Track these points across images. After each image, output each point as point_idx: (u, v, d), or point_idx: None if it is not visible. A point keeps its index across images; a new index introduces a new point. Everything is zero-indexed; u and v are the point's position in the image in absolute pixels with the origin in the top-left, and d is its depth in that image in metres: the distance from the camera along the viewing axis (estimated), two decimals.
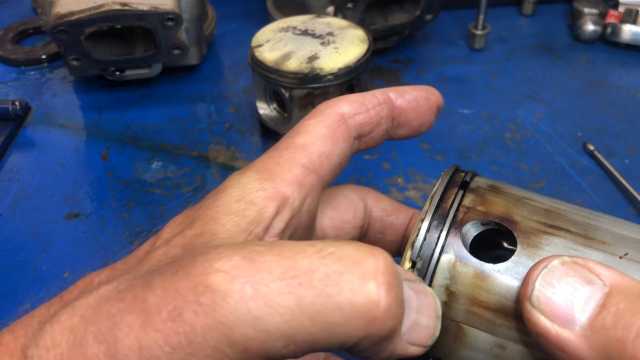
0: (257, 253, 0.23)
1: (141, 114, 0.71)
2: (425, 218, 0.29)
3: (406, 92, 0.36)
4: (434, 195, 0.30)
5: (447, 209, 0.29)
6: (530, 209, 0.29)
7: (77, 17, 0.62)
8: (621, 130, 0.67)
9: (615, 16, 0.79)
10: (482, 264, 0.28)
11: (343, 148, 0.33)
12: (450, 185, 0.30)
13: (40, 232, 0.56)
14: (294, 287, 0.22)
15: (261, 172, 0.30)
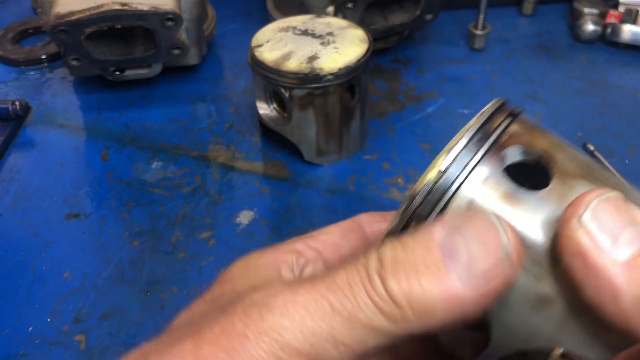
0: (290, 281, 0.26)
1: (141, 114, 0.71)
2: (469, 131, 0.27)
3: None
4: (482, 114, 0.29)
5: (492, 128, 0.28)
6: (572, 156, 0.28)
7: (77, 17, 0.62)
8: (621, 130, 0.67)
9: (615, 16, 0.79)
10: (516, 187, 0.26)
11: (354, 244, 0.34)
12: (499, 110, 0.30)
13: (40, 232, 0.56)
14: (324, 292, 0.24)
15: (262, 251, 0.31)
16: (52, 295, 0.50)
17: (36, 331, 0.47)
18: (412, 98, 0.72)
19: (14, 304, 0.50)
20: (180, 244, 0.54)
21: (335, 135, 0.61)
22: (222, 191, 0.60)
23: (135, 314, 0.49)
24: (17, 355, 0.46)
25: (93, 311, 0.49)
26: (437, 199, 0.26)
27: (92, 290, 0.51)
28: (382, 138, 0.66)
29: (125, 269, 0.52)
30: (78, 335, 0.47)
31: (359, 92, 0.60)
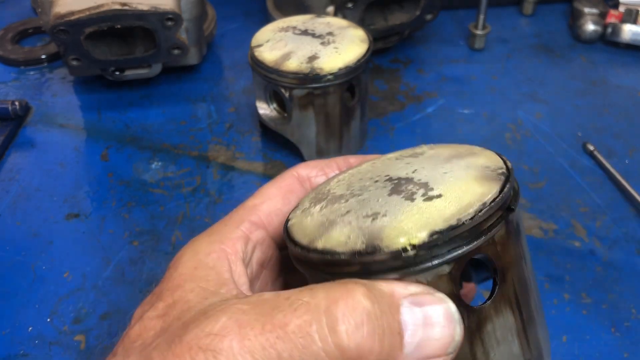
0: (242, 312, 0.25)
1: (141, 114, 0.71)
2: (460, 219, 0.26)
3: (366, 160, 0.36)
4: (494, 202, 0.27)
5: (482, 229, 0.27)
6: (521, 278, 0.30)
7: (77, 17, 0.62)
8: (621, 131, 0.67)
9: (615, 16, 0.79)
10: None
11: (295, 204, 0.34)
12: (497, 206, 0.28)
13: (40, 232, 0.56)
14: (272, 341, 0.24)
15: (210, 234, 0.32)
16: (52, 295, 0.50)
17: (36, 331, 0.47)
18: (412, 98, 0.72)
19: (13, 304, 0.50)
20: (180, 244, 0.54)
21: (335, 135, 0.61)
22: (222, 191, 0.60)
23: None
24: (17, 355, 0.46)
25: (93, 311, 0.49)
26: (400, 265, 0.26)
27: (92, 290, 0.51)
28: (382, 138, 0.66)
29: (125, 269, 0.52)
30: (78, 335, 0.47)
31: (359, 92, 0.60)
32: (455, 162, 0.30)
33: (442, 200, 0.27)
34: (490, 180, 0.28)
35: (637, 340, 0.46)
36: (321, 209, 0.31)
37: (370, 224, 0.27)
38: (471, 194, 0.27)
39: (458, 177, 0.29)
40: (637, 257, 0.53)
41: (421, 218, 0.26)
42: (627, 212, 0.57)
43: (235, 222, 0.33)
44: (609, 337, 0.46)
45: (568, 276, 0.51)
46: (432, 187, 0.28)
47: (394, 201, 0.28)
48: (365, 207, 0.29)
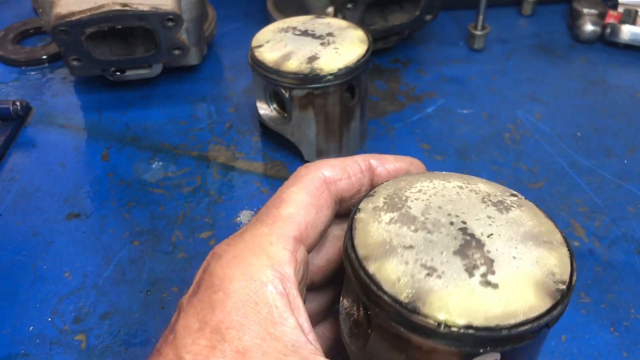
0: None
1: (141, 114, 0.71)
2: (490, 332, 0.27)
3: (388, 161, 0.36)
4: (536, 320, 0.28)
5: (510, 342, 0.28)
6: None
7: (78, 17, 0.62)
8: (620, 130, 0.67)
9: (614, 16, 0.79)
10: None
11: (326, 215, 0.33)
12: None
13: (41, 232, 0.56)
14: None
15: (257, 254, 0.29)
16: (52, 294, 0.50)
17: (37, 331, 0.48)
18: (412, 98, 0.72)
19: (14, 303, 0.50)
20: (180, 244, 0.55)
21: (335, 135, 0.61)
22: (222, 191, 0.60)
23: (135, 313, 0.49)
24: (17, 355, 0.46)
25: (93, 311, 0.49)
26: (427, 333, 0.28)
27: (93, 290, 0.51)
28: (382, 138, 0.67)
29: (125, 269, 0.52)
30: (79, 334, 0.47)
31: (358, 92, 0.60)
32: (529, 247, 0.31)
33: (495, 293, 0.28)
34: (546, 295, 0.29)
35: (636, 339, 0.46)
36: (391, 221, 0.32)
37: (423, 278, 0.29)
38: (523, 301, 0.28)
39: (522, 272, 0.29)
40: (636, 257, 0.53)
41: (467, 303, 0.28)
42: (626, 212, 0.57)
43: (280, 240, 0.30)
44: (608, 337, 0.47)
45: None
46: (495, 270, 0.29)
47: (455, 265, 0.29)
48: (428, 253, 0.30)
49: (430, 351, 0.28)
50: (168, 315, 0.49)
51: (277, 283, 0.29)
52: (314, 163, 0.34)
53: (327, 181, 0.33)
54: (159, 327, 0.48)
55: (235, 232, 0.32)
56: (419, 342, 0.28)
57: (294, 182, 0.33)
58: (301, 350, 0.27)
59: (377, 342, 0.31)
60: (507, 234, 0.31)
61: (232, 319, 0.27)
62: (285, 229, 0.31)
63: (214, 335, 0.27)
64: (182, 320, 0.28)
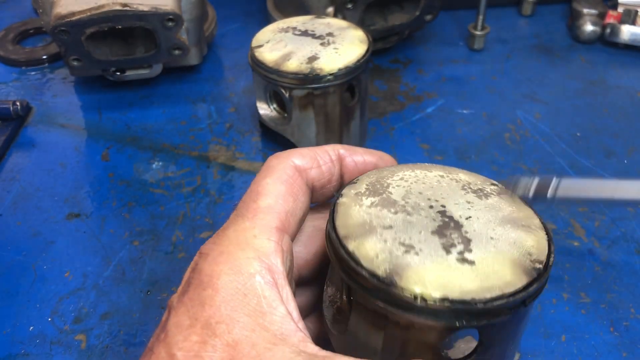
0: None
1: (141, 114, 0.71)
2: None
3: (357, 153, 0.36)
4: (512, 296, 0.28)
5: (486, 317, 0.28)
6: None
7: (78, 17, 0.62)
8: (620, 130, 0.67)
9: (614, 16, 0.79)
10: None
11: (303, 201, 0.33)
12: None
13: (41, 232, 0.56)
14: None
15: (243, 247, 0.30)
16: (52, 294, 0.51)
17: (37, 331, 0.48)
18: (412, 98, 0.73)
19: (14, 303, 0.50)
20: (180, 244, 0.55)
21: (335, 135, 0.61)
22: (222, 191, 0.60)
23: (135, 313, 0.49)
24: (17, 355, 0.46)
25: (94, 311, 0.49)
26: (403, 306, 0.28)
27: (93, 289, 0.51)
28: (382, 138, 0.67)
29: (125, 269, 0.52)
30: (79, 334, 0.47)
31: (358, 93, 0.60)
32: (507, 229, 0.31)
33: (471, 270, 0.29)
34: (522, 273, 0.29)
35: (635, 339, 0.46)
36: (372, 204, 0.32)
37: (401, 254, 0.29)
38: (499, 278, 0.28)
39: (499, 251, 0.30)
40: (636, 257, 0.53)
41: (444, 278, 0.28)
42: (625, 211, 0.57)
43: (264, 232, 0.31)
44: (607, 337, 0.47)
45: (567, 276, 0.51)
46: (472, 248, 0.30)
47: (433, 243, 0.30)
48: (406, 232, 0.30)
49: (407, 326, 0.29)
50: None
51: (265, 273, 0.29)
52: (284, 152, 0.34)
53: (299, 169, 0.34)
54: None
55: (217, 230, 0.32)
56: (396, 317, 0.29)
57: (266, 173, 0.33)
58: (290, 338, 0.27)
59: (357, 322, 0.31)
60: (486, 217, 0.32)
61: (221, 313, 0.27)
62: (266, 220, 0.31)
63: (205, 330, 0.27)
64: (173, 319, 0.28)
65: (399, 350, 0.30)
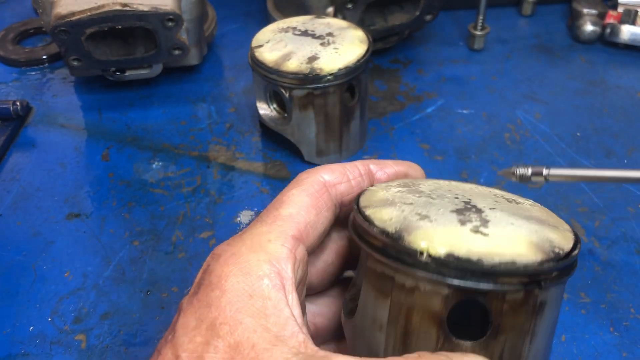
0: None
1: (142, 114, 0.71)
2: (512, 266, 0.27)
3: (387, 165, 0.36)
4: (524, 267, 0.27)
5: (495, 281, 0.27)
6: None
7: (78, 17, 0.62)
8: (620, 131, 0.67)
9: (614, 16, 0.79)
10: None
11: (326, 216, 0.34)
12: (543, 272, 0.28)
13: (41, 231, 0.56)
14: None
15: (255, 250, 0.30)
16: (52, 294, 0.51)
17: (37, 331, 0.48)
18: (412, 98, 0.73)
19: (14, 303, 0.50)
20: (180, 244, 0.55)
21: (335, 135, 0.61)
22: (222, 191, 0.60)
23: (135, 313, 0.49)
24: (17, 355, 0.46)
25: (94, 311, 0.49)
26: (409, 263, 0.28)
27: (93, 289, 0.51)
28: (381, 138, 0.67)
29: (125, 269, 0.52)
30: (79, 334, 0.47)
31: (358, 93, 0.60)
32: (531, 223, 0.30)
33: (484, 239, 0.28)
34: (540, 252, 0.28)
35: (635, 339, 0.46)
36: (399, 191, 0.33)
37: (414, 220, 0.29)
38: (511, 250, 0.27)
39: (517, 233, 0.29)
40: (636, 257, 0.53)
41: (453, 239, 0.27)
42: (625, 212, 0.57)
43: (279, 237, 0.31)
44: (607, 337, 0.47)
45: None
46: (489, 226, 0.29)
47: (449, 218, 0.29)
48: (425, 208, 0.30)
49: (412, 289, 0.28)
50: (168, 315, 0.49)
51: (273, 277, 0.29)
52: (315, 168, 0.35)
53: (327, 184, 0.34)
54: (159, 327, 0.48)
55: (237, 233, 0.32)
56: (401, 277, 0.28)
57: (294, 185, 0.34)
58: (290, 340, 0.27)
59: (367, 293, 0.31)
60: (511, 211, 0.31)
61: (225, 314, 0.28)
62: (284, 227, 0.31)
63: (209, 331, 0.27)
64: (181, 320, 0.29)
65: (404, 322, 0.29)
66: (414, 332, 0.29)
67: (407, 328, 0.29)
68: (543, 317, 0.29)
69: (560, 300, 0.31)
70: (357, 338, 0.32)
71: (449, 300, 0.28)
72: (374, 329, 0.30)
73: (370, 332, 0.31)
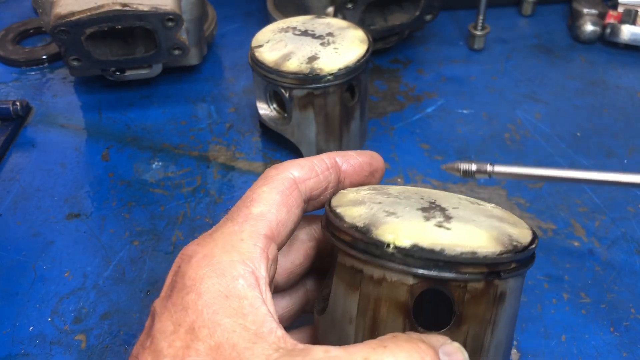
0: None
1: (141, 114, 0.71)
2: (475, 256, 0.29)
3: (351, 157, 0.37)
4: (483, 257, 0.29)
5: (456, 271, 0.29)
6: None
7: (78, 17, 0.62)
8: (620, 131, 0.67)
9: (614, 16, 0.79)
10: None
11: (296, 214, 0.34)
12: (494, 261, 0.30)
13: (41, 232, 0.56)
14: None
15: (228, 250, 0.30)
16: (52, 295, 0.51)
17: (37, 331, 0.48)
18: (412, 98, 0.73)
19: (14, 303, 0.50)
20: (180, 244, 0.55)
21: (335, 135, 0.61)
22: (222, 191, 0.60)
23: (135, 313, 0.49)
24: (17, 355, 0.46)
25: (93, 311, 0.49)
26: (376, 254, 0.30)
27: (93, 290, 0.51)
28: (381, 138, 0.67)
29: (125, 269, 0.52)
30: (79, 334, 0.47)
31: (358, 93, 0.60)
32: (492, 220, 0.33)
33: (447, 232, 0.30)
34: (499, 244, 0.30)
35: (635, 339, 0.46)
36: (369, 193, 0.35)
37: (382, 216, 0.31)
38: (472, 242, 0.29)
39: (478, 227, 0.31)
40: (636, 257, 0.53)
41: (417, 232, 0.30)
42: (626, 212, 0.57)
43: (251, 237, 0.31)
44: (607, 337, 0.47)
45: (567, 276, 0.51)
46: (452, 221, 0.31)
47: (414, 214, 0.32)
48: (393, 206, 0.33)
49: (379, 281, 0.30)
50: None
51: (248, 276, 0.29)
52: (283, 164, 0.35)
53: (297, 181, 0.34)
54: None
55: (204, 232, 0.32)
56: (369, 269, 0.30)
57: (264, 182, 0.34)
58: (269, 336, 0.28)
59: (337, 287, 0.33)
60: (473, 210, 0.34)
61: (203, 317, 0.28)
62: (256, 226, 0.31)
63: (188, 335, 0.27)
64: (157, 324, 0.29)
65: (372, 314, 0.31)
66: (382, 323, 0.31)
67: (375, 319, 0.31)
68: (504, 307, 0.31)
69: (520, 292, 0.33)
70: (329, 332, 0.34)
71: (414, 290, 0.30)
72: (344, 321, 0.32)
73: (340, 325, 0.32)
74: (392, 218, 0.31)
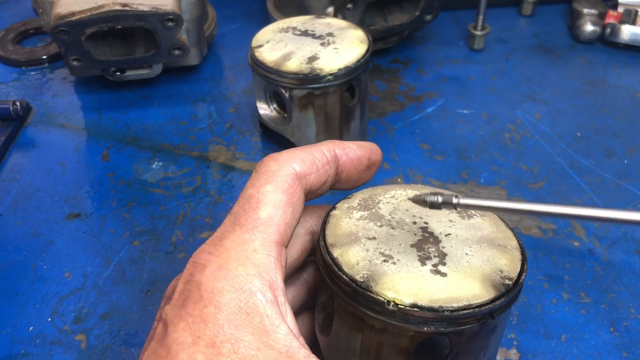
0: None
1: (142, 114, 0.71)
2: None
3: (351, 150, 0.37)
4: (478, 308, 0.31)
5: (454, 324, 0.31)
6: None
7: (78, 17, 0.62)
8: (620, 130, 0.67)
9: (614, 16, 0.79)
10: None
11: (299, 211, 0.34)
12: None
13: (41, 232, 0.56)
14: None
15: (244, 264, 0.29)
16: (52, 295, 0.51)
17: (37, 331, 0.48)
18: (412, 98, 0.73)
19: (14, 303, 0.50)
20: (180, 244, 0.55)
21: (335, 135, 0.61)
22: (222, 191, 0.60)
23: (135, 313, 0.49)
24: (17, 355, 0.46)
25: (94, 311, 0.49)
26: (378, 310, 0.31)
27: (93, 290, 0.51)
28: (382, 138, 0.67)
29: (125, 269, 0.52)
30: (79, 334, 0.47)
31: (358, 93, 0.60)
32: (483, 247, 0.34)
33: (443, 281, 0.31)
34: (491, 287, 0.32)
35: (635, 339, 0.46)
36: (360, 217, 0.36)
37: (379, 263, 0.32)
38: (468, 290, 0.31)
39: (471, 267, 0.33)
40: (636, 257, 0.53)
41: (415, 286, 0.31)
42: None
43: (264, 246, 0.30)
44: (607, 337, 0.47)
45: (567, 276, 0.51)
46: (446, 262, 0.33)
47: (410, 255, 0.33)
48: (388, 244, 0.34)
49: (381, 330, 0.32)
50: None
51: (266, 291, 0.29)
52: (283, 154, 0.34)
53: (299, 176, 0.34)
54: None
55: (212, 236, 0.32)
56: (371, 320, 0.32)
57: (267, 179, 0.33)
58: (295, 355, 0.28)
59: (340, 325, 0.34)
60: (464, 235, 0.35)
61: (225, 332, 0.27)
62: (267, 234, 0.31)
63: (209, 349, 0.27)
64: (172, 334, 0.28)
65: (375, 353, 0.33)
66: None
67: (378, 357, 0.33)
68: (495, 335, 0.34)
69: (509, 314, 0.35)
70: (333, 355, 0.35)
71: (414, 338, 0.31)
72: (349, 353, 0.34)
73: (345, 355, 0.34)
74: (390, 266, 0.32)
